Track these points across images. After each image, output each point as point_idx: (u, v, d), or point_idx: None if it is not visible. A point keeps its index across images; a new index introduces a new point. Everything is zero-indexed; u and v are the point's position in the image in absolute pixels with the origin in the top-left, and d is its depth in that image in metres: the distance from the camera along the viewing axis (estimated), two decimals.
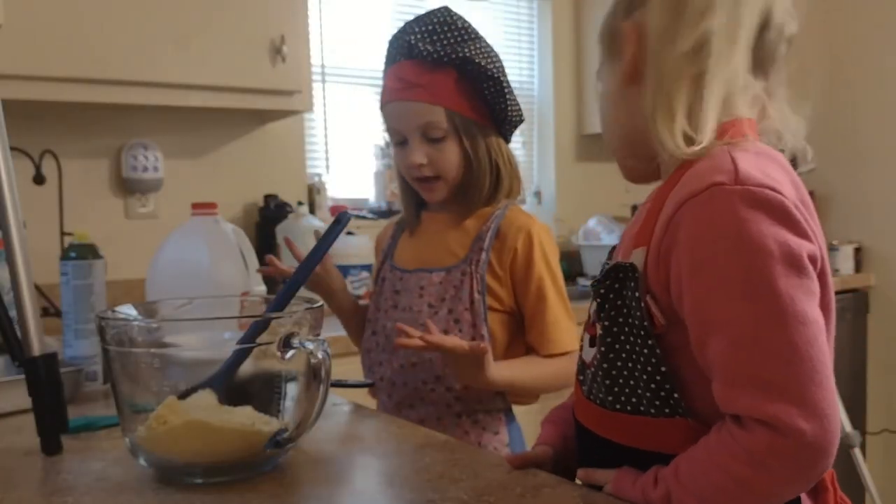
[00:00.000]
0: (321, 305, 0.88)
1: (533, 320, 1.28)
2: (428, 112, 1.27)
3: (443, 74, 1.26)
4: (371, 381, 1.33)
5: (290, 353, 0.79)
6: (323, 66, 2.60)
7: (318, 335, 0.85)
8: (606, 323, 0.74)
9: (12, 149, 0.95)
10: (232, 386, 0.81)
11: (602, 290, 0.74)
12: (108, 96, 1.94)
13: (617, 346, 0.73)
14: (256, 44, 2.10)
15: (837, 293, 0.76)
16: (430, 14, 1.29)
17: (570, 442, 0.90)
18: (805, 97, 0.79)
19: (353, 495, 0.80)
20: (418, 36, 1.27)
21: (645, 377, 0.71)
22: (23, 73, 1.80)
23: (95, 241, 1.30)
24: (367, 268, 2.19)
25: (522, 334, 1.30)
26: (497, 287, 1.28)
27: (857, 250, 3.11)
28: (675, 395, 0.70)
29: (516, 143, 3.13)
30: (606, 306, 0.74)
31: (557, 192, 3.14)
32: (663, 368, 0.70)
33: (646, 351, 0.70)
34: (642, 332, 0.70)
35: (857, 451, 2.60)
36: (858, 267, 3.11)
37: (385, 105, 1.31)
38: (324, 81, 2.61)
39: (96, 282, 1.26)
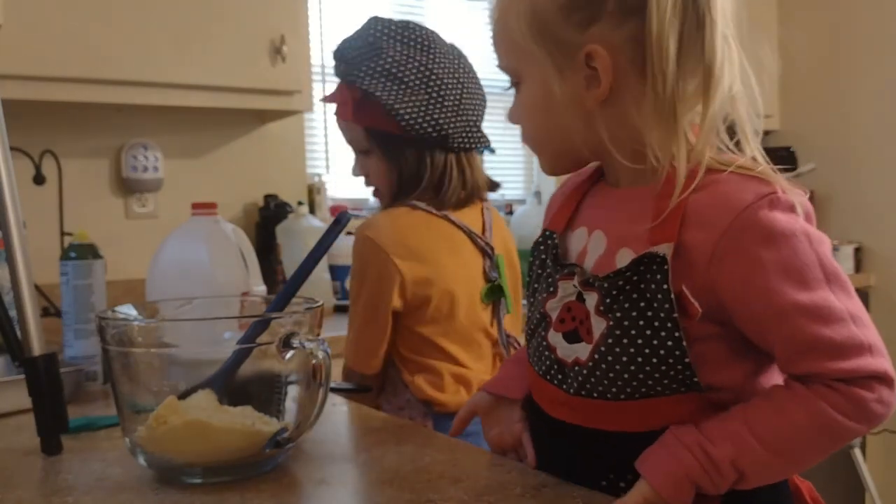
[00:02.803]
0: (321, 305, 0.88)
1: None
2: (349, 128, 1.34)
3: (349, 91, 1.30)
4: (368, 386, 1.32)
5: (290, 353, 0.79)
6: (323, 66, 2.60)
7: (318, 335, 0.85)
8: (619, 314, 0.73)
9: (12, 149, 0.95)
10: (232, 386, 0.81)
11: (621, 282, 0.73)
12: (108, 96, 1.94)
13: (636, 337, 0.72)
14: (256, 44, 2.10)
15: None
16: (358, 30, 1.34)
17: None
18: None
19: (354, 495, 0.80)
20: (339, 54, 1.33)
21: (664, 367, 0.71)
22: (23, 73, 1.80)
23: (95, 241, 1.30)
24: None
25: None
26: None
27: (857, 250, 3.11)
28: (695, 379, 0.71)
29: (516, 143, 3.12)
30: (621, 298, 0.73)
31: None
32: (687, 360, 0.71)
33: (669, 343, 0.71)
34: (668, 323, 0.71)
35: (857, 452, 2.60)
36: (858, 267, 3.11)
37: None
38: (324, 81, 2.61)
39: (96, 282, 1.26)
